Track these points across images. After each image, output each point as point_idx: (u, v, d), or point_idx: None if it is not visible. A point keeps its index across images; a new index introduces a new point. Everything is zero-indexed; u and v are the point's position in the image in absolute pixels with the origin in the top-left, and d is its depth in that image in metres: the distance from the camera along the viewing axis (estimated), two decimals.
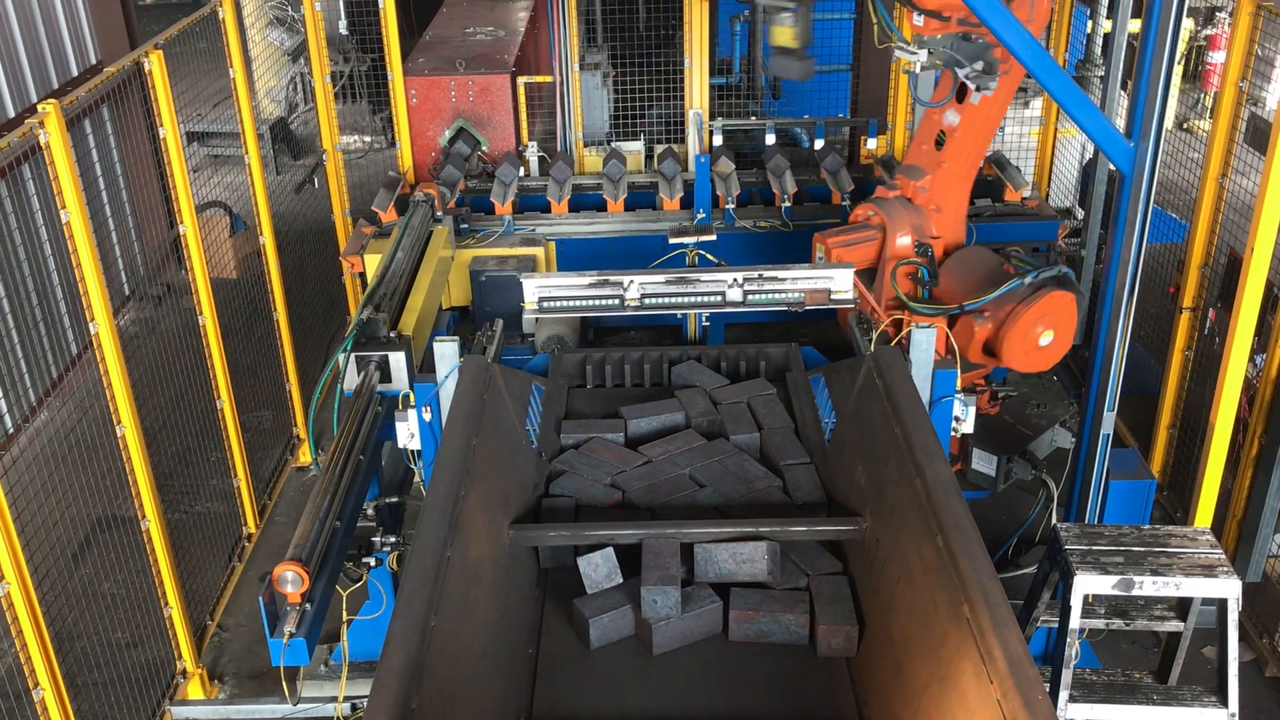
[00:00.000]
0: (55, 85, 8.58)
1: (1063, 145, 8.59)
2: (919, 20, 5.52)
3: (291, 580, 3.76)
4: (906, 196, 6.10)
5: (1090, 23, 8.00)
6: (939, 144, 5.99)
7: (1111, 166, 5.09)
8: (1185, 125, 11.66)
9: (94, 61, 9.17)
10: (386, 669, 3.10)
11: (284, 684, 4.50)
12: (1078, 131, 7.85)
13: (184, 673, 5.70)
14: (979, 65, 5.54)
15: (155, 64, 5.64)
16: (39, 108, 4.67)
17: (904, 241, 6.04)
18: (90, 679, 5.51)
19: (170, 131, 5.79)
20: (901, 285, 6.04)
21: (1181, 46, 6.73)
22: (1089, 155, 8.21)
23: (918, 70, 5.65)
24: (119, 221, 8.89)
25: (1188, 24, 11.72)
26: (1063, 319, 5.75)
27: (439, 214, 6.91)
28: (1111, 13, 7.39)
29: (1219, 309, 6.23)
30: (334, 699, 5.55)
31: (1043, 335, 5.72)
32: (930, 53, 5.54)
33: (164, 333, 6.76)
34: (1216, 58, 11.81)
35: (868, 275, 6.10)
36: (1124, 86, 7.29)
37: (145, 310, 8.69)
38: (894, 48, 5.70)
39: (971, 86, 5.62)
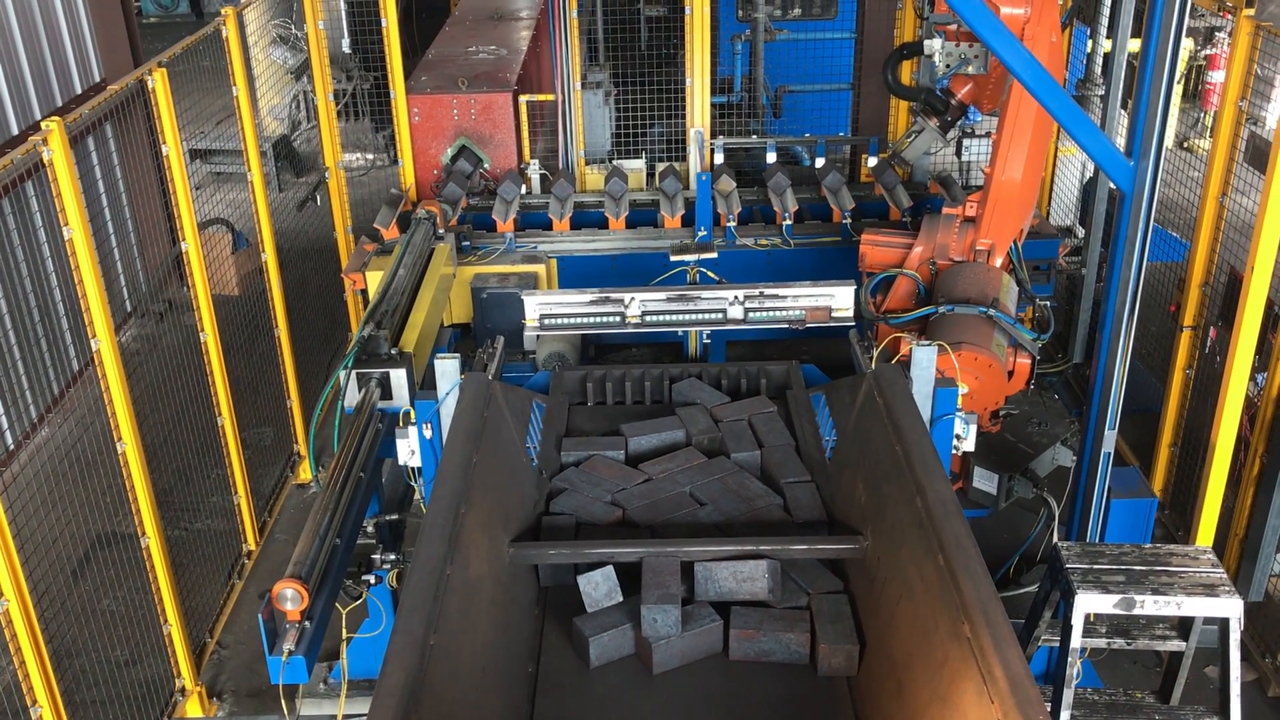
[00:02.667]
0: (59, 103, 8.62)
1: (1063, 164, 8.61)
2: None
3: (291, 598, 3.75)
4: (968, 215, 6.09)
5: (1090, 42, 8.03)
6: None
7: (1112, 185, 5.10)
8: (1185, 144, 11.69)
9: (98, 79, 9.21)
10: (385, 687, 3.09)
11: (283, 702, 4.48)
12: (1078, 150, 7.87)
13: (183, 690, 5.69)
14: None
15: (159, 82, 5.66)
16: (42, 125, 4.69)
17: (920, 253, 6.05)
18: (89, 696, 5.49)
19: (173, 149, 5.81)
20: (893, 297, 6.07)
21: (1181, 66, 6.77)
22: (1089, 174, 8.23)
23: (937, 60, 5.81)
24: (121, 238, 8.91)
25: (1187, 43, 11.76)
26: (982, 376, 5.50)
27: (441, 231, 6.92)
28: (1111, 32, 7.43)
29: (1220, 327, 6.23)
30: (333, 717, 5.54)
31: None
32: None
33: (165, 349, 6.77)
34: (1216, 77, 11.85)
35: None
36: (1124, 106, 7.32)
37: (147, 327, 8.69)
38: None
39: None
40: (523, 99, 8.16)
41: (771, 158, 8.22)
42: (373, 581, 4.65)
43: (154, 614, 5.55)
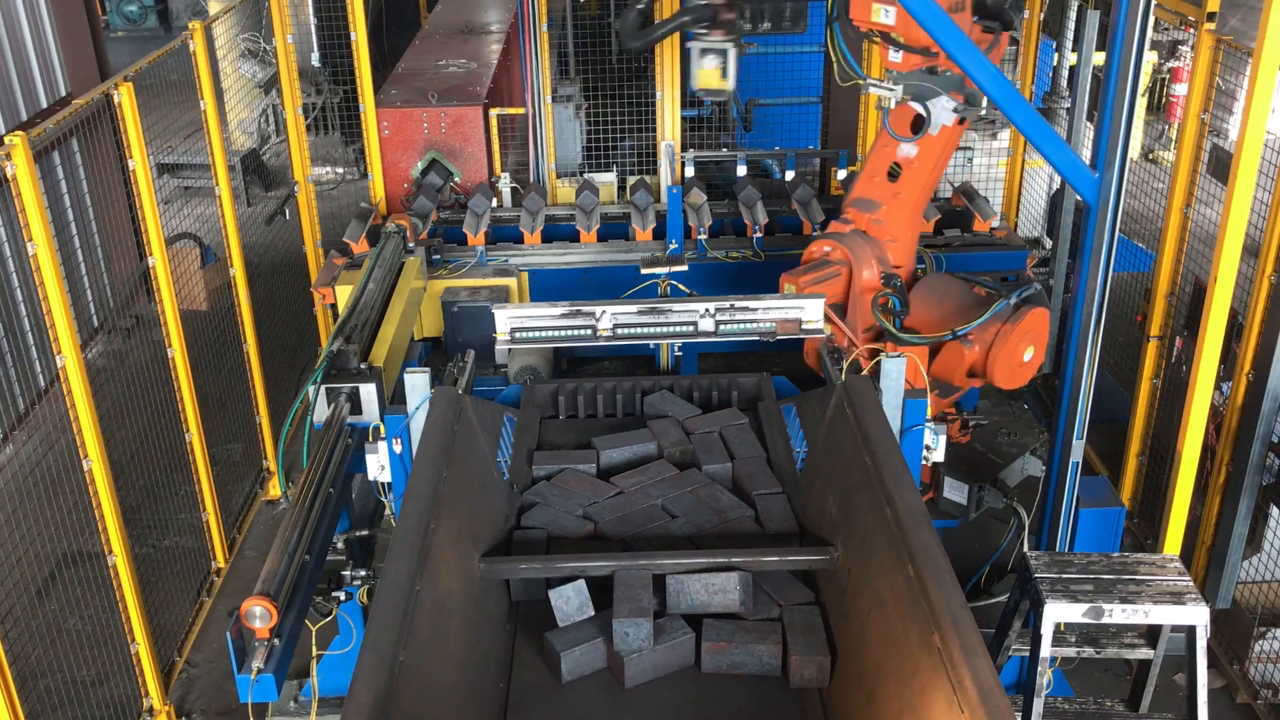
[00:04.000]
0: (24, 117, 8.54)
1: (1030, 176, 8.69)
2: (895, 57, 5.58)
3: (260, 615, 3.72)
4: (861, 229, 6.11)
5: (1056, 55, 8.12)
6: (892, 176, 6.02)
7: (1078, 197, 5.16)
8: (1151, 156, 11.82)
9: (63, 93, 9.13)
10: (354, 705, 3.07)
11: None
12: (1045, 162, 7.95)
13: (151, 710, 5.62)
14: (959, 98, 5.62)
15: (125, 96, 5.63)
16: (6, 140, 4.64)
17: (870, 275, 6.09)
18: (54, 718, 5.42)
19: (140, 163, 5.77)
20: (866, 317, 6.09)
21: (1145, 79, 6.84)
22: (1056, 186, 8.31)
23: (893, 105, 5.72)
24: (88, 253, 8.83)
25: (1151, 57, 11.90)
26: (1040, 334, 5.89)
27: (411, 245, 6.90)
28: (1076, 46, 7.51)
29: (1185, 337, 6.30)
30: None
31: (1025, 351, 5.85)
32: (904, 87, 5.62)
33: (133, 365, 6.71)
34: (1180, 90, 12.00)
35: (837, 310, 6.12)
36: (1090, 118, 7.40)
37: (114, 343, 8.62)
38: (867, 84, 5.78)
39: (957, 117, 5.68)
40: (493, 112, 8.16)
41: (742, 171, 8.25)
42: (343, 598, 4.62)
43: (121, 633, 5.48)
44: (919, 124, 5.78)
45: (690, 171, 8.11)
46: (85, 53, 9.31)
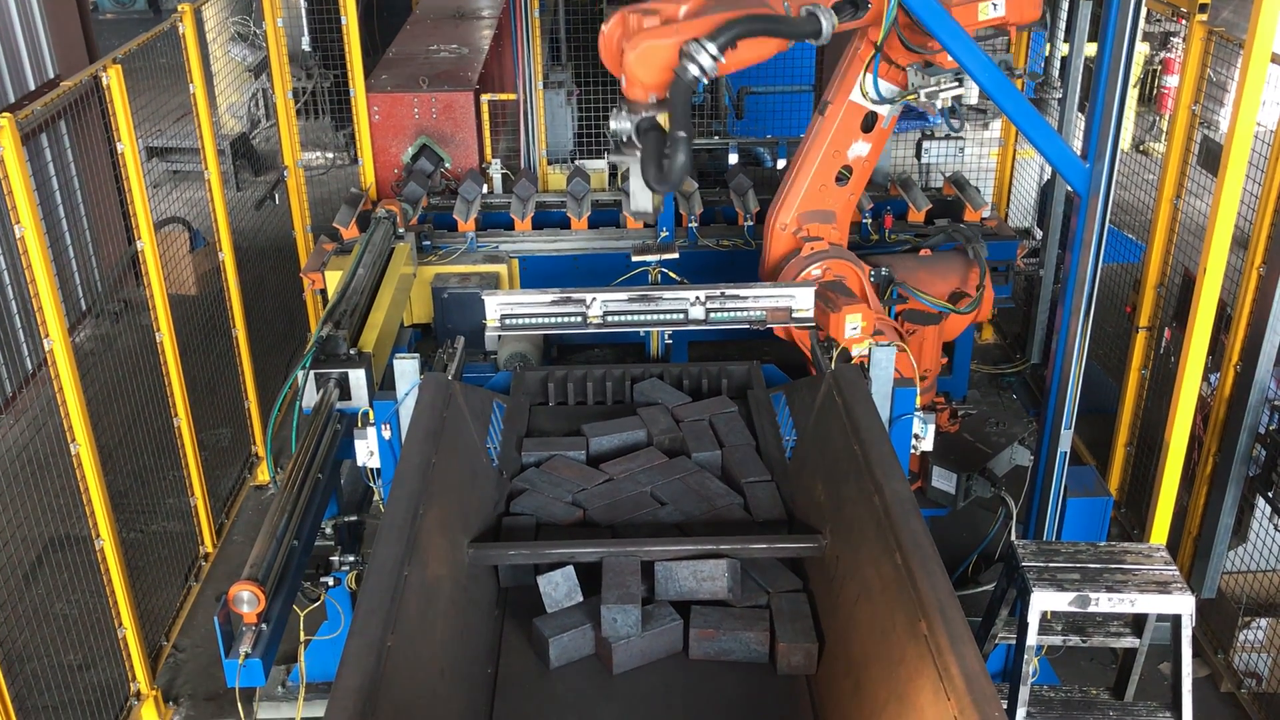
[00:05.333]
0: (11, 99, 8.49)
1: (1021, 166, 8.70)
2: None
3: (247, 600, 3.71)
4: (832, 241, 6.08)
5: (1048, 46, 8.12)
6: (840, 179, 5.99)
7: (1069, 188, 5.16)
8: (1141, 148, 11.84)
9: (51, 75, 9.07)
10: (342, 689, 3.07)
11: (239, 705, 4.45)
12: (1036, 153, 7.95)
13: (138, 695, 5.62)
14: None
15: (114, 78, 5.59)
16: None
17: (866, 269, 6.11)
18: (41, 702, 5.42)
19: (129, 147, 5.74)
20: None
21: (1136, 70, 6.84)
22: (1047, 176, 8.32)
23: (938, 103, 5.65)
24: (76, 237, 8.79)
25: (1143, 48, 11.91)
26: None
27: (401, 231, 6.88)
28: (1068, 36, 7.52)
29: (1174, 328, 6.31)
30: None
31: None
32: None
33: (121, 349, 6.68)
34: (1171, 81, 12.01)
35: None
36: (1081, 109, 7.41)
37: (102, 327, 8.59)
38: (918, 89, 5.64)
39: (936, 106, 5.64)
40: (484, 98, 8.13)
41: (734, 159, 8.25)
42: (331, 583, 4.61)
43: (109, 618, 5.48)
44: (870, 122, 5.77)
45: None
46: (73, 35, 9.25)
